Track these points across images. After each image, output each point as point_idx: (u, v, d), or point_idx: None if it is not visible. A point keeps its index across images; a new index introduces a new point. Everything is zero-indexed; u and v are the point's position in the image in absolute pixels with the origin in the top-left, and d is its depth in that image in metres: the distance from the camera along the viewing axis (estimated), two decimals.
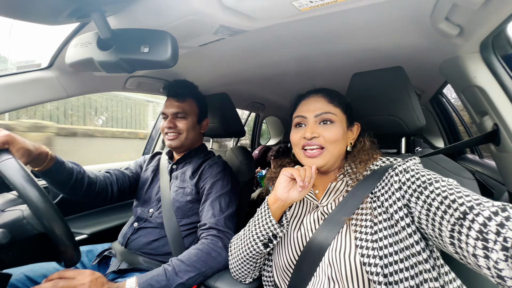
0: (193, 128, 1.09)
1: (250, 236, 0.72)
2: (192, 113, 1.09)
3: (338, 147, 0.69)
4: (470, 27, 0.67)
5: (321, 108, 0.70)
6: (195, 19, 0.63)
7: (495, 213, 0.42)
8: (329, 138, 0.68)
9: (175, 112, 1.06)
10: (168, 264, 0.80)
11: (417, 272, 0.54)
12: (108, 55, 0.56)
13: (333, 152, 0.69)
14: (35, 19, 0.52)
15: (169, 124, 1.05)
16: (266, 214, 0.69)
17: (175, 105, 1.06)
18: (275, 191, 0.69)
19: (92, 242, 1.14)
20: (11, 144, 0.67)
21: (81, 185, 0.93)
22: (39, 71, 0.95)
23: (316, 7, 0.62)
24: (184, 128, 1.06)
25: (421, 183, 0.56)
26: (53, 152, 0.83)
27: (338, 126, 0.69)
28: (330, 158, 0.69)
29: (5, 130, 0.67)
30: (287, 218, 0.71)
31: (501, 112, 0.73)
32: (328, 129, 0.69)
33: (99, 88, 1.17)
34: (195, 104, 1.10)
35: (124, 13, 0.63)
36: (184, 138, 1.07)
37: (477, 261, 0.42)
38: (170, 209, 1.00)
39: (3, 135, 0.65)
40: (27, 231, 0.59)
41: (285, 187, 0.67)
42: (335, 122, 0.69)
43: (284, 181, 0.68)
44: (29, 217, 0.59)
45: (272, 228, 0.68)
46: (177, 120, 1.06)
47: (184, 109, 1.06)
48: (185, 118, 1.07)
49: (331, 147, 0.68)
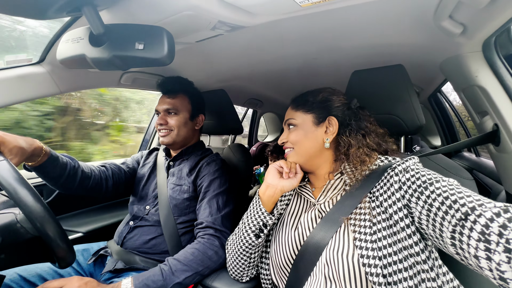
0: (184, 125, 1.07)
1: (243, 228, 0.75)
2: (184, 109, 1.07)
3: (304, 145, 0.73)
4: (473, 25, 0.66)
5: (287, 115, 0.79)
6: (192, 14, 0.61)
7: (497, 214, 0.42)
8: (292, 140, 0.75)
9: (166, 108, 1.05)
10: (164, 263, 0.80)
11: (415, 272, 0.54)
12: (101, 52, 0.54)
13: (300, 151, 0.74)
14: (23, 14, 0.49)
15: (160, 121, 1.04)
16: (257, 204, 0.74)
17: (166, 102, 1.05)
18: (266, 180, 0.74)
19: (88, 241, 1.13)
20: (2, 145, 0.64)
21: (75, 179, 0.91)
22: (30, 66, 0.92)
23: (318, 3, 0.60)
24: (175, 125, 1.05)
25: (421, 183, 0.55)
26: (47, 147, 0.81)
27: (299, 128, 0.74)
28: (300, 155, 0.74)
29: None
30: (278, 209, 0.74)
31: (501, 113, 0.73)
32: (291, 132, 0.76)
33: (93, 84, 1.14)
34: (187, 100, 1.08)
35: (117, 7, 0.60)
36: (176, 135, 1.05)
37: (478, 262, 0.42)
38: (167, 207, 0.99)
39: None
40: (21, 235, 0.57)
41: (274, 175, 0.73)
42: (296, 125, 0.75)
43: (273, 170, 0.74)
44: (23, 221, 0.58)
45: (262, 216, 0.72)
46: (169, 117, 1.05)
47: (175, 105, 1.05)
48: (176, 114, 1.05)
49: (297, 147, 0.74)
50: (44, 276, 0.85)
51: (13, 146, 0.67)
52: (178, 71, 1.23)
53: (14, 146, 0.67)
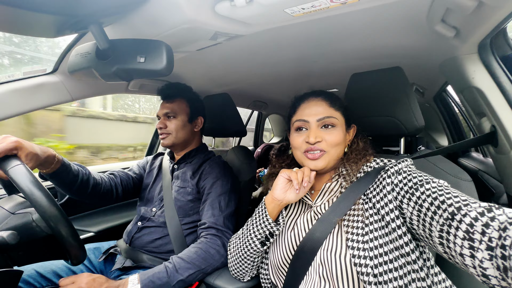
0: (183, 127, 1.11)
1: (248, 235, 0.75)
2: (182, 113, 1.11)
3: (338, 150, 0.71)
4: (466, 29, 0.67)
5: (323, 112, 0.71)
6: (190, 27, 0.65)
7: (481, 213, 0.43)
8: (331, 142, 0.69)
9: (165, 112, 1.10)
10: (169, 261, 0.84)
11: (406, 272, 0.55)
12: (106, 65, 0.58)
13: (334, 155, 0.71)
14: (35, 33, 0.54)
15: (160, 125, 1.10)
16: (263, 213, 0.73)
17: (165, 106, 1.11)
18: (273, 192, 0.72)
19: (99, 240, 1.19)
20: (20, 150, 0.70)
21: (87, 186, 0.97)
22: (45, 76, 0.99)
23: (309, 13, 0.63)
24: (173, 128, 1.09)
25: (412, 184, 0.57)
26: (59, 155, 0.87)
27: (339, 129, 0.71)
28: (330, 160, 0.71)
29: (13, 136, 0.70)
30: (283, 217, 0.74)
31: (498, 114, 0.73)
32: (330, 133, 0.70)
33: (102, 91, 1.21)
34: (185, 104, 1.13)
35: (120, 23, 0.65)
36: (174, 137, 1.10)
37: (463, 260, 0.43)
38: (172, 208, 1.04)
39: (11, 142, 0.68)
40: (36, 233, 0.63)
41: (282, 188, 0.71)
42: (336, 126, 0.71)
43: (281, 182, 0.71)
44: (38, 220, 0.63)
45: (269, 226, 0.72)
46: (168, 120, 1.10)
47: (173, 109, 1.10)
48: (174, 117, 1.10)
49: (333, 150, 0.70)
50: (58, 273, 0.91)
51: (29, 152, 0.72)
52: (182, 77, 1.28)
53: (30, 152, 0.73)
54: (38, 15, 0.44)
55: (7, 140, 0.67)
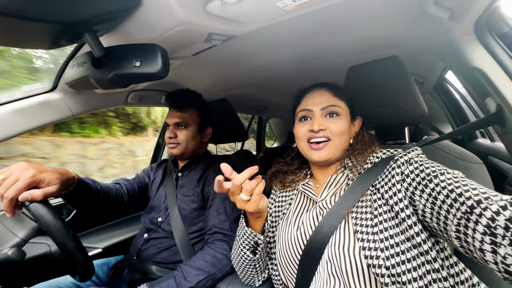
0: (193, 138, 1.10)
1: (238, 246, 0.75)
2: (193, 123, 1.10)
3: (343, 139, 0.70)
4: (460, 9, 0.66)
5: (327, 101, 0.71)
6: (183, 29, 0.65)
7: (503, 207, 0.41)
8: (335, 131, 0.69)
9: (176, 122, 1.08)
10: (177, 270, 0.82)
11: (419, 264, 0.52)
12: (102, 72, 0.58)
13: (338, 144, 0.69)
14: (31, 46, 0.54)
15: (170, 134, 1.07)
16: (242, 224, 0.73)
17: (176, 115, 1.08)
18: None
19: (107, 255, 1.17)
20: (38, 184, 0.65)
21: (97, 200, 0.95)
22: (44, 94, 0.99)
23: (301, 5, 0.63)
24: (184, 139, 1.07)
25: (425, 175, 0.54)
26: (76, 174, 0.83)
27: (344, 119, 0.71)
28: (335, 150, 0.69)
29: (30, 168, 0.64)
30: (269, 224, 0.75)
31: (503, 92, 0.71)
32: (334, 121, 0.69)
33: (102, 105, 1.21)
34: (196, 113, 1.11)
35: (115, 32, 0.65)
36: (184, 148, 1.08)
37: (483, 255, 0.41)
38: (177, 217, 1.02)
39: (28, 177, 0.62)
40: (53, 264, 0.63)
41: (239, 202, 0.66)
42: (340, 115, 0.71)
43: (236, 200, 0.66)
44: (57, 253, 0.62)
45: (252, 236, 0.71)
46: (178, 130, 1.08)
47: (184, 119, 1.08)
48: (186, 128, 1.08)
49: (337, 140, 0.69)
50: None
51: (49, 181, 0.67)
52: (180, 84, 1.29)
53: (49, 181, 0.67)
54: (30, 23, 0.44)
55: (24, 176, 0.62)
